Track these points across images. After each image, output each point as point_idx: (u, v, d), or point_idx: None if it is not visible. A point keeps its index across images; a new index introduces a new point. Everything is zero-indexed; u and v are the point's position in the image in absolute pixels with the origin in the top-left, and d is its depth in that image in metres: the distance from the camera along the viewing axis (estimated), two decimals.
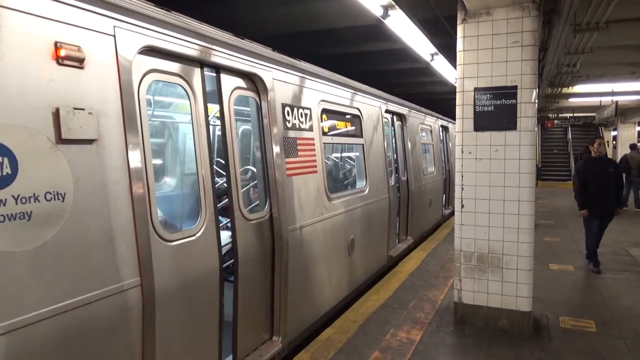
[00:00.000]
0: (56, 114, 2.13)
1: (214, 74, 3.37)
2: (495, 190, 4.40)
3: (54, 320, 2.08)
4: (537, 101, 4.42)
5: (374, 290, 5.77)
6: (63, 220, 2.15)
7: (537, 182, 4.59)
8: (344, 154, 7.16)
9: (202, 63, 3.19)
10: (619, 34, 7.49)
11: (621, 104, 17.02)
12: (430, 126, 10.12)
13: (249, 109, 3.78)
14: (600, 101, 17.79)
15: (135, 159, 2.52)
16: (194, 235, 3.03)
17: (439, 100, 16.10)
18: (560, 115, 23.37)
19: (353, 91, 5.82)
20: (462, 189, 4.55)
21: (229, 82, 3.49)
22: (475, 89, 4.41)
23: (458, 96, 4.52)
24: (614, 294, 5.62)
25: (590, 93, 15.66)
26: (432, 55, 7.52)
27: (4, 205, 1.92)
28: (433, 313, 4.95)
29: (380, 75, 10.72)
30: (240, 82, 3.62)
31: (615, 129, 23.60)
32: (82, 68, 2.28)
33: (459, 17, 4.42)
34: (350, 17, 6.64)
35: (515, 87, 4.26)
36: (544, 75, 9.53)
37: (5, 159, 1.93)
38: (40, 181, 2.06)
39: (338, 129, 5.59)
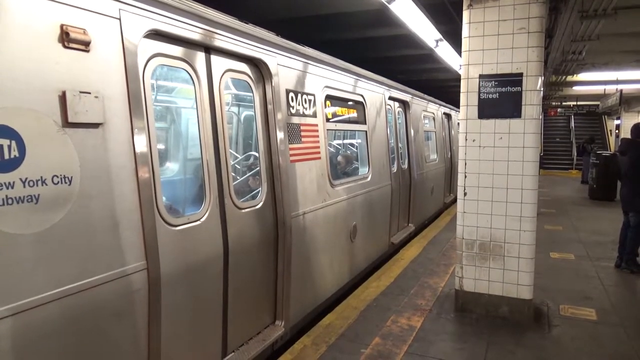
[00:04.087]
0: (62, 98, 2.12)
1: (219, 58, 3.34)
2: (498, 178, 4.39)
3: (60, 303, 2.09)
4: (542, 89, 4.38)
5: (375, 277, 5.80)
6: (70, 204, 2.16)
7: (539, 170, 4.57)
8: (347, 141, 7.15)
9: (206, 47, 3.17)
10: (626, 21, 7.41)
11: (625, 92, 16.91)
12: (433, 113, 10.05)
13: (251, 94, 3.78)
14: (605, 89, 17.68)
15: (140, 143, 2.52)
16: (199, 220, 3.04)
17: (443, 87, 16.00)
18: (563, 103, 23.24)
19: (357, 77, 5.79)
20: (465, 176, 4.54)
21: (232, 67, 3.47)
22: (480, 76, 4.37)
23: (463, 83, 4.47)
24: (614, 282, 5.63)
25: (594, 81, 15.56)
26: (437, 41, 7.44)
27: (12, 188, 1.93)
28: (434, 300, 4.98)
29: (383, 62, 10.63)
30: (244, 67, 3.60)
31: (618, 118, 23.46)
32: (87, 51, 2.26)
33: (465, 2, 4.36)
34: (355, 2, 6.56)
35: (521, 75, 4.21)
36: (548, 62, 9.45)
37: (13, 142, 1.93)
38: (47, 164, 2.06)
39: (341, 115, 5.58)
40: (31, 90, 2.01)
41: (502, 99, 4.30)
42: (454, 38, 7.24)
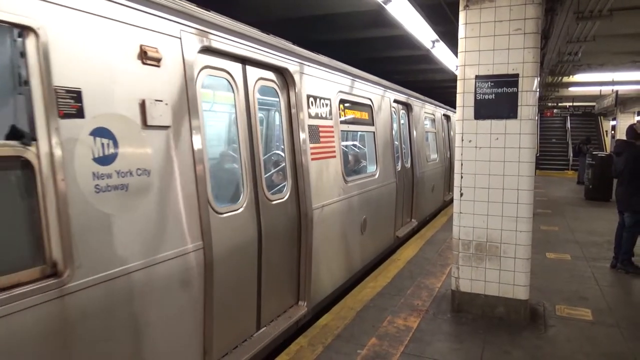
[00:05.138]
0: (142, 105, 2.58)
1: (253, 69, 3.80)
2: (494, 179, 4.39)
3: (144, 271, 2.56)
4: (538, 90, 4.39)
5: (372, 277, 5.80)
6: (149, 192, 2.62)
7: (535, 171, 4.58)
8: (357, 141, 7.46)
9: (242, 59, 3.64)
10: (622, 23, 7.44)
11: (621, 93, 16.97)
12: (434, 115, 10.54)
13: (278, 99, 4.23)
14: (601, 90, 17.75)
15: (197, 143, 2.98)
16: (238, 209, 3.54)
17: (439, 88, 15.99)
18: (559, 104, 23.31)
19: (366, 82, 6.24)
20: (462, 177, 4.54)
21: (263, 75, 3.94)
22: (477, 77, 4.38)
23: (459, 84, 4.48)
24: (609, 282, 5.65)
25: (590, 82, 15.62)
26: (433, 42, 7.44)
27: (110, 178, 2.38)
28: (430, 300, 4.98)
29: (380, 62, 10.63)
30: (272, 75, 4.08)
31: (614, 119, 23.55)
32: (159, 66, 2.73)
33: (462, 3, 4.37)
34: (351, 2, 6.55)
35: (517, 75, 4.22)
36: (544, 63, 9.47)
37: (110, 141, 2.38)
38: (133, 159, 2.52)
39: (353, 118, 5.93)
40: (121, 100, 2.46)
41: (498, 100, 4.31)
42: (450, 39, 7.24)
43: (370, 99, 6.35)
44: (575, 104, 23.12)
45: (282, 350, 3.89)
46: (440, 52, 8.23)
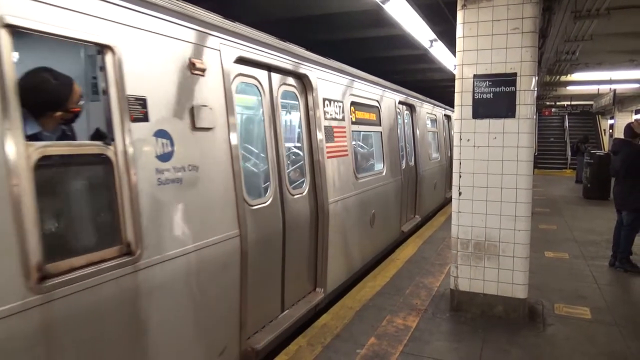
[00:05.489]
0: (191, 110, 2.97)
1: (277, 75, 4.20)
2: (493, 178, 4.40)
3: (204, 251, 3.01)
4: (536, 89, 4.39)
5: (371, 276, 5.80)
6: (197, 186, 2.99)
7: (533, 170, 4.59)
8: (366, 141, 7.72)
9: (268, 67, 4.03)
10: (619, 21, 7.45)
11: (619, 92, 17.01)
12: (435, 115, 10.93)
13: (297, 102, 4.62)
14: (598, 89, 17.78)
15: (234, 143, 3.35)
16: (266, 202, 3.91)
17: (438, 87, 16.00)
18: (557, 103, 23.34)
19: (373, 85, 6.69)
20: (460, 176, 4.55)
21: (285, 81, 4.35)
22: (475, 76, 4.38)
23: (457, 83, 4.48)
24: (608, 281, 5.67)
25: (588, 81, 15.63)
26: (431, 41, 7.45)
27: (168, 172, 2.76)
28: (429, 300, 4.98)
29: (378, 62, 10.62)
30: (293, 81, 4.48)
31: (612, 118, 23.60)
32: (203, 76, 3.10)
33: (459, 2, 4.37)
34: (349, 2, 6.55)
35: (515, 75, 4.23)
36: (542, 62, 9.49)
37: (168, 141, 2.78)
38: (185, 157, 2.89)
39: (362, 119, 6.26)
40: (176, 105, 2.86)
41: (496, 99, 4.31)
42: (448, 38, 7.24)
43: (378, 101, 6.75)
44: (573, 103, 23.16)
45: (301, 332, 4.23)
46: (439, 51, 8.24)
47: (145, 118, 2.63)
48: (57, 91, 2.40)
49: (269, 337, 3.78)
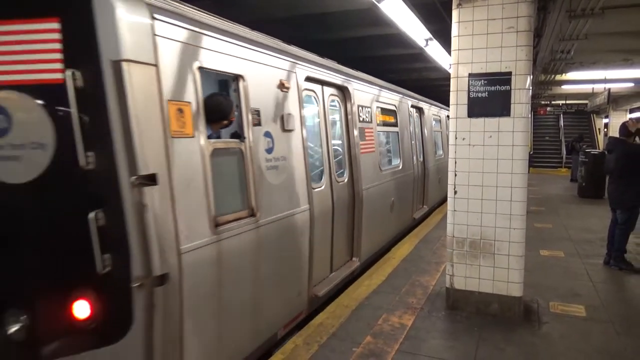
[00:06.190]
0: (282, 117, 4.07)
1: (327, 88, 5.36)
2: (488, 176, 4.41)
3: (285, 219, 4.04)
4: (531, 88, 4.41)
5: (367, 275, 5.81)
6: (286, 171, 4.10)
7: (528, 168, 4.60)
8: (386, 139, 8.51)
9: (321, 82, 5.15)
10: (614, 21, 7.48)
11: (613, 91, 17.05)
12: (439, 116, 12.02)
13: (339, 108, 5.77)
14: (593, 88, 17.81)
15: (305, 141, 4.47)
16: (322, 186, 5.03)
17: (433, 86, 16.01)
18: (552, 102, 23.41)
19: (392, 92, 7.94)
20: (456, 175, 4.56)
21: (332, 92, 5.49)
22: (470, 75, 4.39)
23: (452, 82, 4.49)
24: (603, 279, 5.70)
25: (583, 80, 15.66)
26: (427, 40, 7.46)
27: (271, 162, 3.86)
28: (425, 298, 4.99)
29: (373, 61, 10.63)
30: (336, 92, 5.63)
31: (607, 117, 23.68)
32: (288, 92, 4.22)
33: (454, 1, 4.37)
34: (344, 1, 6.55)
35: (510, 74, 4.24)
36: (537, 61, 9.51)
37: (271, 139, 3.87)
38: (279, 150, 3.99)
39: (384, 121, 7.39)
40: (274, 113, 3.97)
41: (491, 98, 4.32)
42: (443, 37, 7.25)
43: (395, 106, 7.94)
44: (568, 101, 23.23)
45: (343, 291, 5.25)
46: (434, 50, 8.25)
47: (259, 123, 3.74)
48: (226, 108, 3.55)
49: (326, 288, 4.93)
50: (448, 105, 4.67)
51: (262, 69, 3.81)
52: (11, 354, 2.77)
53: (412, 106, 9.23)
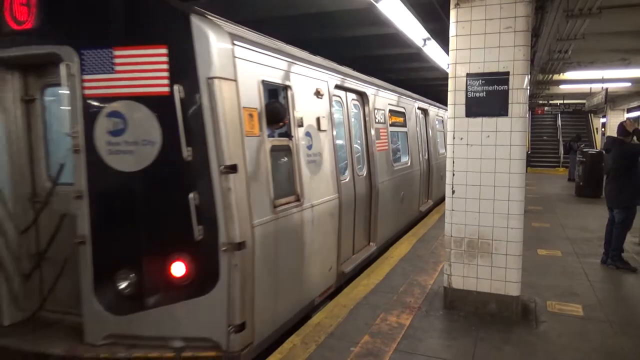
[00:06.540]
0: (317, 119, 4.87)
1: (349, 94, 6.16)
2: (486, 176, 4.42)
3: (322, 205, 4.79)
4: (528, 87, 4.41)
5: (365, 275, 5.81)
6: (321, 165, 4.88)
7: (526, 168, 4.61)
8: (396, 138, 9.30)
9: (344, 89, 5.92)
10: (611, 21, 7.48)
11: (611, 91, 17.09)
12: (442, 117, 12.65)
13: (358, 111, 6.53)
14: (591, 88, 17.86)
15: (334, 139, 5.25)
16: (347, 179, 5.76)
17: (431, 86, 16.02)
18: (550, 102, 23.44)
19: (402, 96, 8.79)
20: (453, 175, 4.57)
21: (353, 97, 6.28)
22: (468, 75, 4.39)
23: (450, 82, 4.50)
24: (600, 278, 5.71)
25: (580, 80, 15.70)
26: (425, 40, 7.46)
27: (311, 157, 4.66)
28: (423, 298, 5.00)
29: (372, 61, 10.62)
30: (356, 97, 6.41)
31: (604, 116, 23.75)
32: (321, 98, 5.01)
33: (452, 1, 4.38)
34: (342, 1, 6.54)
35: (508, 73, 4.24)
36: (535, 61, 9.53)
37: (310, 138, 4.67)
38: (316, 147, 4.78)
39: (395, 122, 8.20)
40: (311, 117, 4.76)
41: (489, 98, 4.33)
42: (441, 37, 7.26)
43: (404, 108, 8.76)
44: (565, 101, 23.27)
45: (362, 272, 5.94)
46: (432, 50, 8.26)
47: (302, 124, 4.51)
48: (282, 112, 4.21)
49: (351, 266, 5.69)
50: (444, 104, 4.76)
51: (303, 79, 4.65)
52: (122, 304, 3.49)
53: (419, 108, 10.03)
